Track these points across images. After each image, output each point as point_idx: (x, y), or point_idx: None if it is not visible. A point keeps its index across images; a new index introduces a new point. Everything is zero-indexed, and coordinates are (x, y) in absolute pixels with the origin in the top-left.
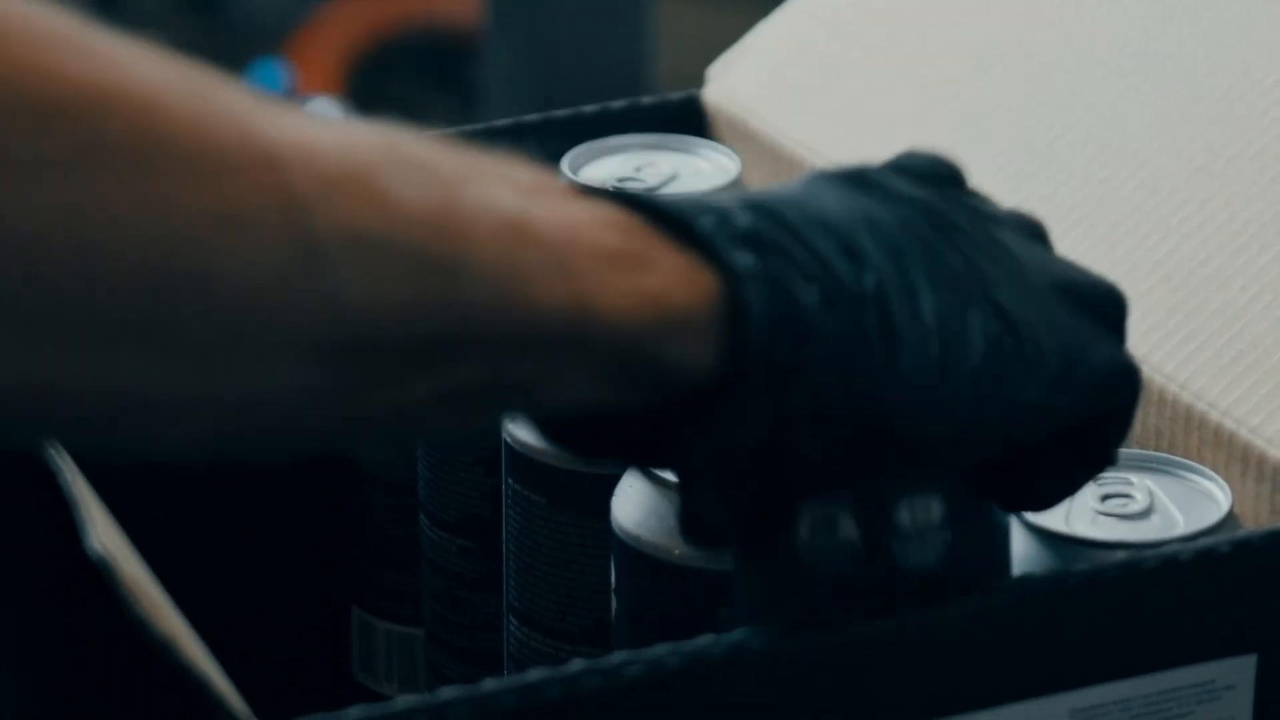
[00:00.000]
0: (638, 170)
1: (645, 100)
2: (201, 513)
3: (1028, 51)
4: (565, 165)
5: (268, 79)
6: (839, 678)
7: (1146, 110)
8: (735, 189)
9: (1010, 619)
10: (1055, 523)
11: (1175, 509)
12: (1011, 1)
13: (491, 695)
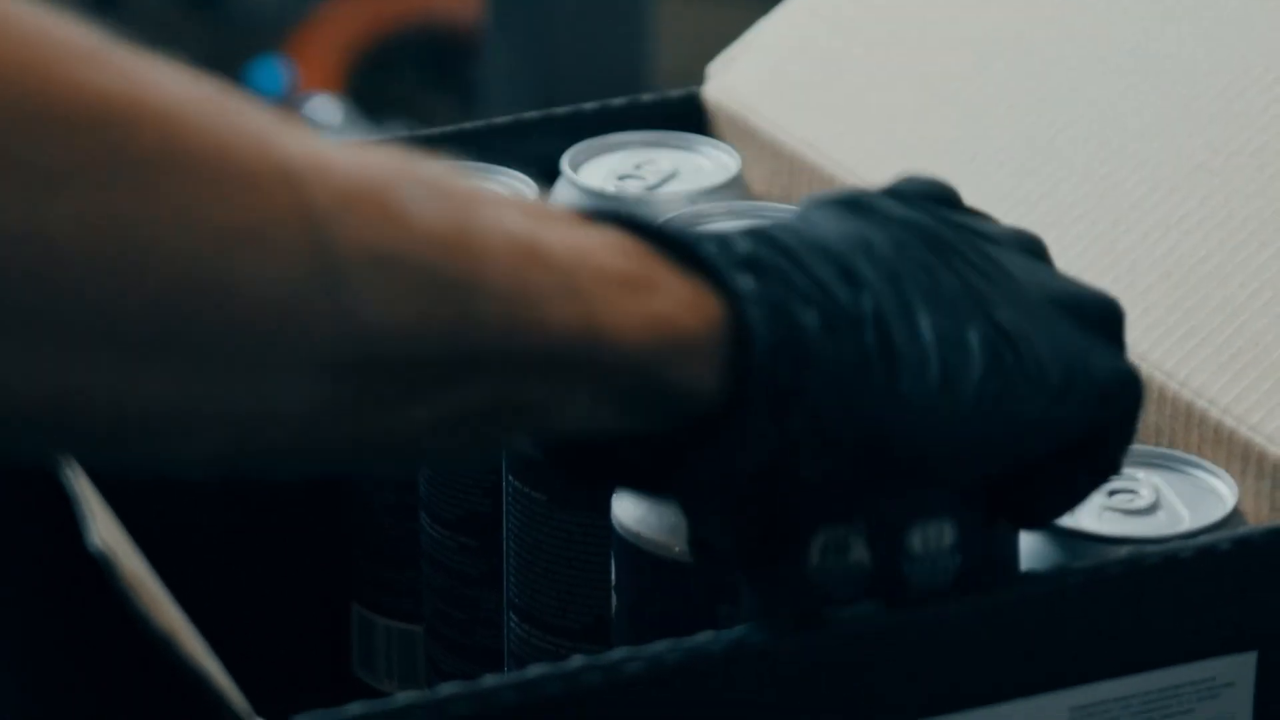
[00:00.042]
0: (638, 167)
1: (645, 98)
2: (202, 509)
3: (1028, 49)
4: (565, 163)
5: (268, 77)
6: (839, 674)
7: (1146, 108)
8: (736, 186)
9: (1010, 616)
10: (1061, 518)
11: (1181, 505)
12: None
13: (491, 691)
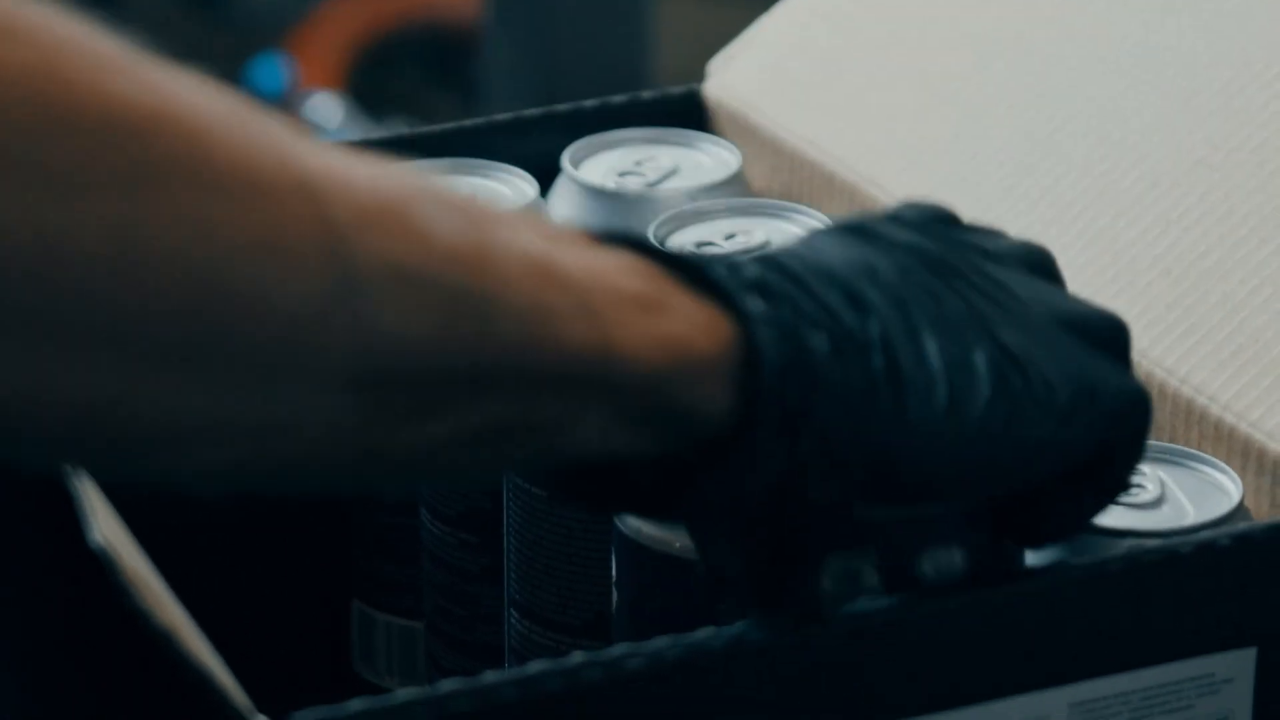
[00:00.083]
0: (638, 164)
1: (646, 95)
2: (203, 506)
3: (1028, 46)
4: (566, 159)
5: (268, 75)
6: (839, 670)
7: (1146, 104)
8: (736, 183)
9: (1010, 613)
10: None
11: (1186, 500)
12: None
13: (492, 688)
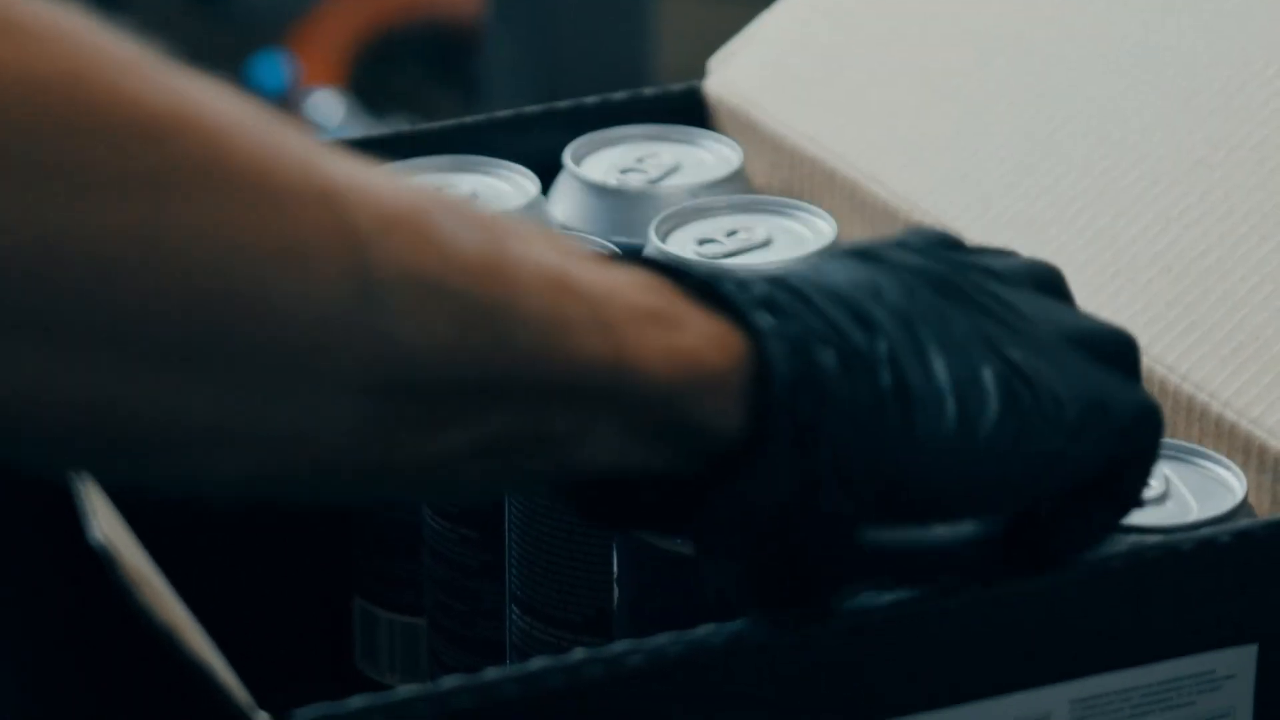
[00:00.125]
0: (640, 161)
1: (647, 91)
2: (203, 503)
3: (1029, 44)
4: (568, 156)
5: (270, 72)
6: (840, 667)
7: (1147, 102)
8: (737, 180)
9: (1011, 609)
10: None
11: (1190, 496)
12: None
13: (493, 684)
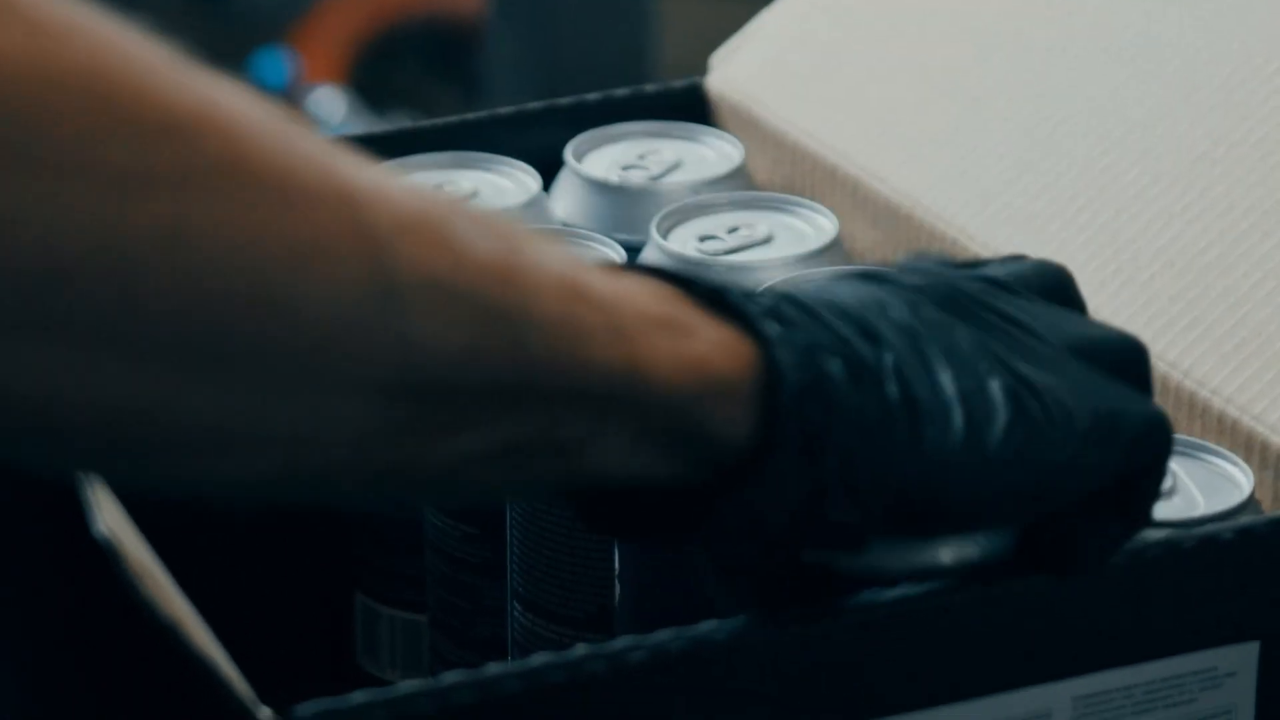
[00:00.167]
0: (641, 158)
1: (648, 88)
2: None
3: (1030, 40)
4: (569, 153)
5: (271, 69)
6: (842, 664)
7: (1148, 98)
8: (739, 176)
9: (1014, 606)
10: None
11: (1197, 491)
12: None
13: (495, 680)
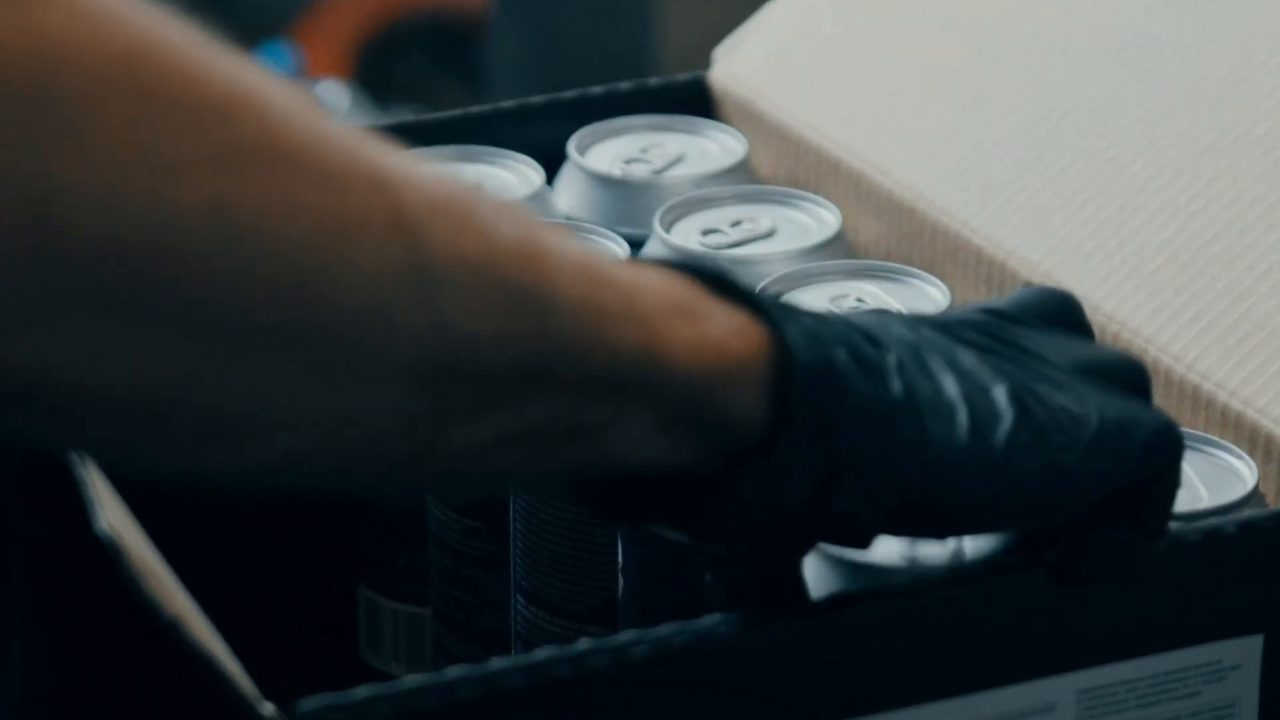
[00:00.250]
0: (644, 151)
1: (652, 82)
2: (209, 492)
3: (1033, 33)
4: (572, 147)
5: (275, 62)
6: (844, 657)
7: (1151, 91)
8: (742, 170)
9: (1017, 600)
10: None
11: (1200, 484)
12: None
13: (498, 674)
